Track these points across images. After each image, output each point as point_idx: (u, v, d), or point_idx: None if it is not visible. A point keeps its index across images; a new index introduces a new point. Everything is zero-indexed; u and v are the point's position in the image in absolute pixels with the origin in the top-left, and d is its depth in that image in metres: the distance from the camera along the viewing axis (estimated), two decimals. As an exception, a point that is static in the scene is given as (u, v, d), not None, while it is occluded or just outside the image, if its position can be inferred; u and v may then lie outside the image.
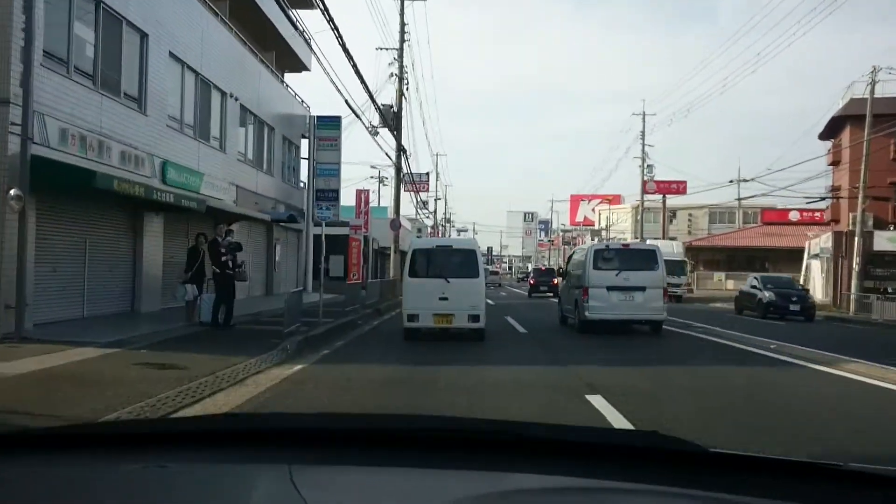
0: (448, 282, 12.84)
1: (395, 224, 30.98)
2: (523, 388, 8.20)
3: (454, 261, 13.28)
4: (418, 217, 67.99)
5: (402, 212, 68.63)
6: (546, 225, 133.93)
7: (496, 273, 71.77)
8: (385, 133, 31.44)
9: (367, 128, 29.22)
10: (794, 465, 1.37)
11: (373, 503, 1.30)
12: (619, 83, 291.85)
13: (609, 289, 14.82)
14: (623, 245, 17.88)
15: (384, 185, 63.60)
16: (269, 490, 1.31)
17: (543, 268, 49.11)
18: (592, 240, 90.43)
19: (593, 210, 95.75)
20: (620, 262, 15.18)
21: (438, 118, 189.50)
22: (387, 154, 30.88)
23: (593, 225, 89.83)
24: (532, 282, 41.77)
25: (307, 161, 28.52)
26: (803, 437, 5.94)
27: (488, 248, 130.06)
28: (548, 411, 6.75)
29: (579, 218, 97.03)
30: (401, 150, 31.24)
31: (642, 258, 15.46)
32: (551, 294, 33.41)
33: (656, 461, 1.43)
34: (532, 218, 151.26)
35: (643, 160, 51.91)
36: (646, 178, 52.09)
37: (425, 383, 8.44)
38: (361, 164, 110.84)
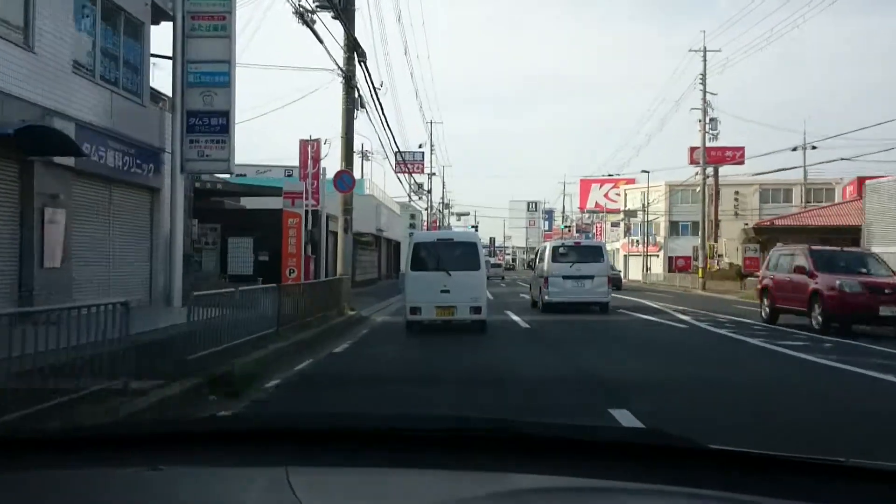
0: (449, 274, 12.86)
1: (345, 181, 17.31)
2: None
3: (455, 253, 13.37)
4: (411, 202, 54.92)
5: (392, 195, 55.65)
6: (550, 214, 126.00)
7: (499, 266, 65.99)
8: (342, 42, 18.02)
9: (293, 6, 15.59)
10: (796, 462, 1.33)
11: None
12: (620, 73, 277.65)
13: (564, 277, 18.27)
14: (575, 242, 22.48)
15: (367, 159, 50.29)
16: (265, 492, 1.29)
17: None
18: (615, 226, 77.96)
19: (605, 195, 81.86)
20: (573, 256, 18.69)
21: (429, 56, 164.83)
22: (331, 55, 17.29)
23: (615, 211, 76.99)
24: None
25: (171, 62, 14.99)
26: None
27: (490, 238, 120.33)
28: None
29: (590, 204, 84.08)
30: (353, 48, 17.56)
31: (591, 253, 19.26)
32: None
33: (657, 459, 1.39)
34: (535, 207, 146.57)
35: (704, 112, 38.27)
36: (710, 134, 38.43)
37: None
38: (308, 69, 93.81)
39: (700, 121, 38.52)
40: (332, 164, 24.29)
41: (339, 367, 9.06)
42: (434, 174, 54.03)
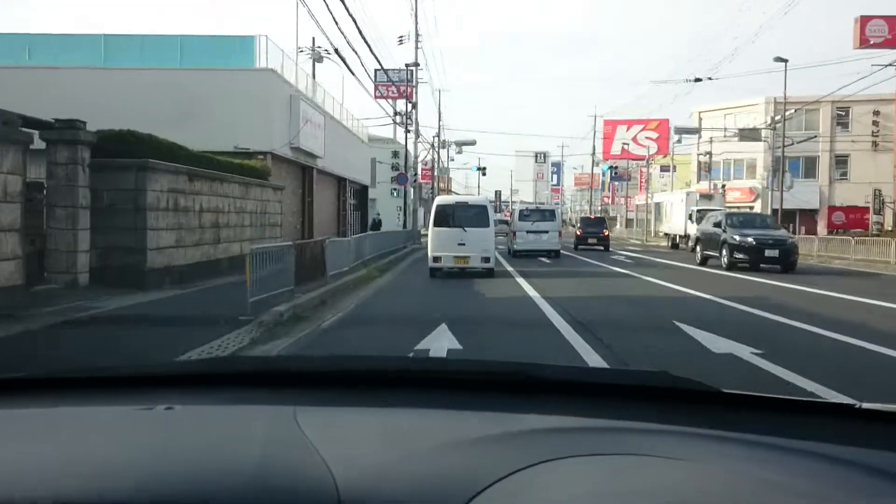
0: (465, 231, 16.20)
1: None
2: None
3: (469, 214, 16.80)
4: (401, 126, 35.57)
5: (371, 124, 35.13)
6: (559, 167, 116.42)
7: (505, 222, 55.20)
8: None
9: None
10: (807, 405, 1.37)
11: (377, 442, 1.26)
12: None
13: (527, 232, 25.20)
14: (536, 206, 30.70)
15: (323, 60, 30.37)
16: (272, 430, 1.28)
17: (592, 217, 45.67)
18: (665, 170, 59.68)
19: (634, 139, 65.44)
20: (534, 217, 25.83)
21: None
22: None
23: (638, 157, 58.73)
24: (579, 233, 36.19)
25: None
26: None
27: (496, 192, 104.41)
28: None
29: (615, 149, 67.93)
30: None
31: (548, 213, 26.65)
32: (602, 247, 33.05)
33: (666, 401, 1.40)
34: (544, 159, 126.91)
35: None
36: None
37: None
38: None
39: None
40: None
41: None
42: (419, 65, 33.03)
